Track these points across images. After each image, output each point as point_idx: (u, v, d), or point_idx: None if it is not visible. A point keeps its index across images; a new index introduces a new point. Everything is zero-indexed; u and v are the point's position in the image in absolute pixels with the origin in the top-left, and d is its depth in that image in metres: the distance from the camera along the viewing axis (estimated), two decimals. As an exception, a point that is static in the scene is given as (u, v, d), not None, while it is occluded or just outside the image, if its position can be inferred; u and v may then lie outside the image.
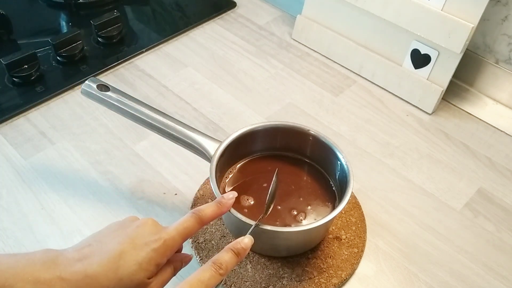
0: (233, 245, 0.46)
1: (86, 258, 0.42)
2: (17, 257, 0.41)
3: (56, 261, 0.41)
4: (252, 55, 0.87)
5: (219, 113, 0.77)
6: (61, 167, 0.68)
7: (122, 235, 0.44)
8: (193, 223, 0.46)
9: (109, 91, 0.60)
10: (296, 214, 0.58)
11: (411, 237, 0.62)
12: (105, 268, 0.41)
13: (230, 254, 0.45)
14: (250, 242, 0.47)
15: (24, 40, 0.88)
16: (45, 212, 0.62)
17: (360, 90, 0.82)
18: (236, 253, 0.45)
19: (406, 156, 0.72)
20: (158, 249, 0.44)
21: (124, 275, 0.42)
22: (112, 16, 0.87)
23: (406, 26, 0.76)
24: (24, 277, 0.39)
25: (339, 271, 0.57)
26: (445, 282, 0.58)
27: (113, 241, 0.43)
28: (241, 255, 0.45)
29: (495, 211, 0.66)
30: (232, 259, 0.45)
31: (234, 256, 0.45)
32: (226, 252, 0.45)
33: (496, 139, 0.75)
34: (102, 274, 0.41)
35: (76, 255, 0.42)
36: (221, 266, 0.43)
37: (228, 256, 0.44)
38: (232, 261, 0.44)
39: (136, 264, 0.42)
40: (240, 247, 0.46)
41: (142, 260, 0.43)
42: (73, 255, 0.42)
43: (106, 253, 0.42)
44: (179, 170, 0.68)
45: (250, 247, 0.47)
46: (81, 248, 0.43)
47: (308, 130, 0.61)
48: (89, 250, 0.43)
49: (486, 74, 0.78)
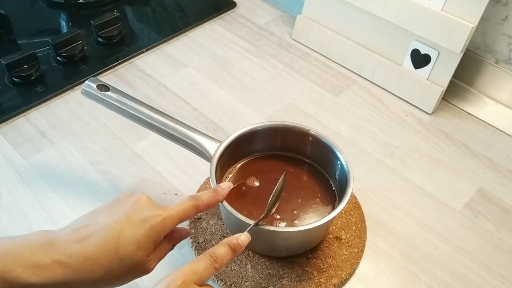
0: (230, 240, 0.46)
1: (84, 239, 0.41)
2: (14, 240, 0.40)
3: (54, 243, 0.41)
4: (252, 55, 0.87)
5: (219, 113, 0.77)
6: (61, 167, 0.68)
7: (118, 213, 0.44)
8: (190, 207, 0.47)
9: (109, 91, 0.60)
10: (296, 214, 0.58)
11: (411, 237, 0.62)
12: (105, 248, 0.41)
13: (226, 248, 0.45)
14: (247, 240, 0.47)
15: (24, 40, 0.88)
16: (45, 212, 0.62)
17: (360, 90, 0.82)
18: (232, 248, 0.45)
19: (406, 156, 0.72)
20: (156, 226, 0.44)
21: (124, 255, 0.42)
22: (112, 16, 0.87)
23: (406, 26, 0.76)
24: (23, 261, 0.39)
25: (339, 271, 0.57)
26: (445, 282, 0.58)
27: (110, 219, 0.43)
28: (236, 251, 0.45)
29: (495, 211, 0.66)
30: (227, 253, 0.45)
31: (230, 251, 0.45)
32: (223, 246, 0.45)
33: (496, 139, 0.75)
34: (102, 255, 0.41)
35: (74, 236, 0.41)
36: (216, 259, 0.43)
37: (224, 250, 0.44)
38: (227, 256, 0.44)
39: (135, 244, 0.42)
40: (236, 243, 0.46)
41: (140, 238, 0.42)
42: (70, 237, 0.41)
43: (104, 232, 0.42)
44: (179, 170, 0.68)
45: (246, 244, 0.47)
46: (77, 229, 0.42)
47: (308, 130, 0.61)
48: (86, 231, 0.42)
49: (486, 74, 0.78)
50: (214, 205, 0.51)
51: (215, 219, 0.61)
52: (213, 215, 0.62)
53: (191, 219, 0.61)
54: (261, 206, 0.58)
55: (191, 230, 0.51)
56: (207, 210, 0.62)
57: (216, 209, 0.62)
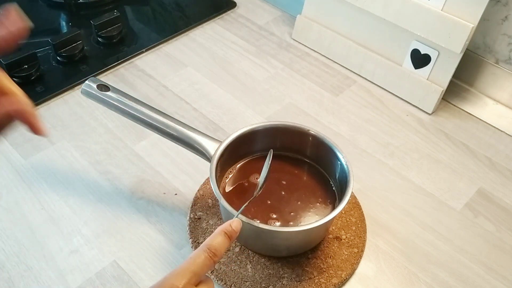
0: (225, 228, 0.46)
1: None
2: None
3: None
4: (252, 55, 0.87)
5: (219, 113, 0.77)
6: (61, 167, 0.68)
7: None
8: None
9: (109, 91, 0.60)
10: (296, 214, 0.58)
11: (411, 237, 0.62)
12: None
13: (222, 237, 0.45)
14: (239, 225, 0.47)
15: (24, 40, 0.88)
16: (45, 212, 0.62)
17: (360, 90, 0.82)
18: (228, 235, 0.45)
19: (406, 156, 0.72)
20: None
21: None
22: (112, 16, 0.87)
23: (406, 26, 0.76)
24: None
25: (339, 271, 0.57)
26: (445, 282, 0.58)
27: None
28: (232, 238, 0.46)
29: (495, 211, 0.66)
30: (225, 242, 0.45)
31: (226, 238, 0.45)
32: (219, 235, 0.45)
33: (496, 139, 0.75)
34: None
35: None
36: (216, 252, 0.43)
37: (221, 239, 0.45)
38: (225, 245, 0.45)
39: None
40: (231, 230, 0.46)
41: None
42: None
43: None
44: (179, 170, 0.68)
45: (240, 229, 0.47)
46: None
47: (308, 130, 0.61)
48: None
49: (486, 74, 0.78)
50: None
51: (215, 219, 0.61)
52: (213, 215, 0.62)
53: (191, 219, 0.61)
54: (260, 205, 0.58)
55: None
56: (206, 210, 0.62)
57: (216, 209, 0.62)
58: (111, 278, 0.57)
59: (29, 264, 0.57)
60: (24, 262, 0.57)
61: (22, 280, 0.56)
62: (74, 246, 0.59)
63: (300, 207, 0.59)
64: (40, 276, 0.56)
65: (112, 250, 0.59)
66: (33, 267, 0.57)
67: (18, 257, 0.58)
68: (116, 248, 0.59)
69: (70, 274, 0.57)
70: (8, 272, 0.57)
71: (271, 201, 0.59)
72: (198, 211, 0.62)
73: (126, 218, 0.62)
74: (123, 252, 0.59)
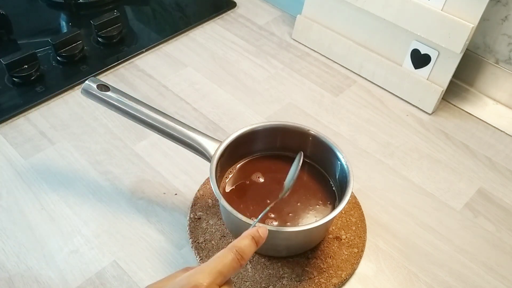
0: (253, 233, 0.44)
1: None
2: None
3: None
4: (252, 55, 0.87)
5: (219, 113, 0.77)
6: (61, 167, 0.68)
7: None
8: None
9: (109, 91, 0.60)
10: (296, 214, 0.58)
11: (411, 237, 0.62)
12: None
13: (249, 241, 0.43)
14: (266, 231, 0.45)
15: (24, 40, 0.88)
16: (45, 212, 0.62)
17: (360, 90, 0.82)
18: (256, 240, 0.43)
19: (406, 156, 0.72)
20: None
21: None
22: (112, 16, 0.87)
23: (406, 26, 0.76)
24: None
25: (339, 271, 0.57)
26: (445, 282, 0.58)
27: None
28: (258, 244, 0.44)
29: (495, 211, 0.66)
30: (252, 247, 0.43)
31: (253, 243, 0.43)
32: (247, 239, 0.43)
33: (496, 139, 0.75)
34: None
35: None
36: (243, 255, 0.42)
37: (248, 242, 0.43)
38: (252, 250, 0.43)
39: None
40: (259, 235, 0.44)
41: None
42: None
43: None
44: (179, 170, 0.68)
45: (266, 236, 0.45)
46: None
47: (308, 130, 0.61)
48: None
49: (486, 74, 0.78)
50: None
51: (215, 219, 0.61)
52: (213, 215, 0.62)
53: (191, 219, 0.61)
54: (260, 204, 0.58)
55: None
56: (206, 210, 0.62)
57: (216, 209, 0.62)
58: (111, 278, 0.57)
59: (29, 264, 0.57)
60: (24, 262, 0.57)
61: (22, 280, 0.56)
62: (74, 246, 0.59)
63: (300, 208, 0.59)
64: (40, 276, 0.56)
65: (112, 250, 0.59)
66: (33, 267, 0.57)
67: (18, 257, 0.58)
68: (116, 248, 0.59)
69: (70, 274, 0.57)
70: (8, 272, 0.57)
71: (271, 201, 0.59)
72: (198, 211, 0.62)
73: (126, 218, 0.62)
74: (123, 252, 0.59)
